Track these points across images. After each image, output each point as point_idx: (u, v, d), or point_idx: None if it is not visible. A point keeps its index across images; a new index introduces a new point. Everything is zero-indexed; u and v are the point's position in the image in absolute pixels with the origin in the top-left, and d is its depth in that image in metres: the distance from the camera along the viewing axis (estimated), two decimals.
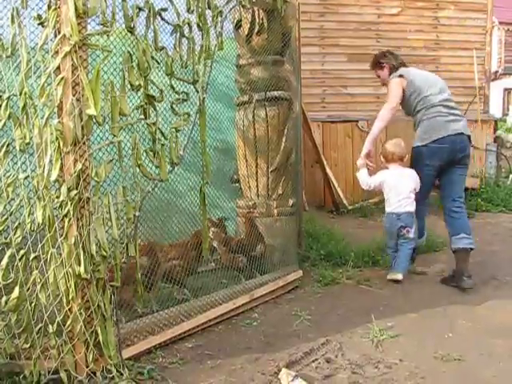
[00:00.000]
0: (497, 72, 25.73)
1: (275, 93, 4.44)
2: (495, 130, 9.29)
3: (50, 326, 2.66)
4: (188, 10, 3.18)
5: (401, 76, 4.70)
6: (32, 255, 2.66)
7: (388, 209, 4.64)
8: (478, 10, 8.82)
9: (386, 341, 3.37)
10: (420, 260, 5.19)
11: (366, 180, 4.68)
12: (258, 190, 4.55)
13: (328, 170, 7.49)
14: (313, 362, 3.07)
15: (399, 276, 4.50)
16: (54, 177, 2.56)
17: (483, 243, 5.90)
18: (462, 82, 8.77)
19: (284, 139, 4.47)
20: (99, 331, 2.73)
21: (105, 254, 2.70)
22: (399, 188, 4.54)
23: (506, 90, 25.00)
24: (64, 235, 2.62)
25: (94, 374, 2.72)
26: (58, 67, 2.57)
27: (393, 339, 3.41)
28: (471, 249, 4.44)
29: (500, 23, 25.62)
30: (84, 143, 2.62)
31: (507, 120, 21.70)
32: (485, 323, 3.68)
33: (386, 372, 2.96)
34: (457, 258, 4.46)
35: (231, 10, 3.73)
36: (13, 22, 2.64)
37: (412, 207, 4.54)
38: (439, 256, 5.46)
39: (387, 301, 4.15)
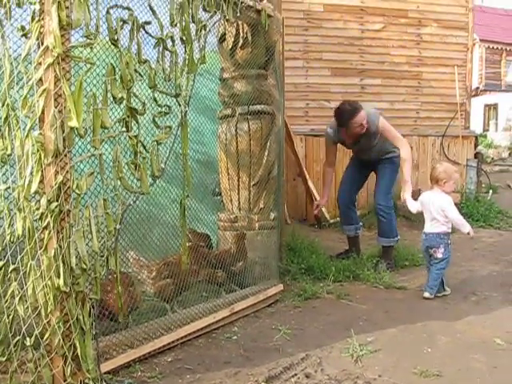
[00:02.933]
0: (478, 88, 26.13)
1: (258, 106, 4.45)
2: (476, 145, 9.39)
3: (28, 339, 2.62)
4: (171, 24, 3.18)
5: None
6: (11, 267, 2.63)
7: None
8: (459, 28, 8.94)
9: (366, 356, 3.38)
10: (400, 275, 5.25)
11: (413, 205, 4.88)
12: (239, 203, 4.54)
13: (310, 184, 7.51)
14: (292, 377, 3.07)
15: (425, 294, 4.64)
16: (34, 188, 2.54)
17: (463, 259, 5.96)
18: (444, 98, 8.89)
19: (266, 153, 4.48)
20: (78, 344, 2.70)
21: (85, 266, 2.68)
22: (427, 209, 4.69)
23: (486, 105, 25.35)
24: (44, 247, 2.60)
25: None
26: (41, 79, 2.55)
27: (372, 354, 3.42)
28: None
29: (481, 41, 26.07)
30: (65, 155, 2.60)
31: (487, 136, 21.99)
32: (464, 338, 3.70)
33: None
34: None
35: (215, 23, 3.74)
36: None
37: (440, 229, 4.63)
38: (420, 271, 5.48)
39: (367, 316, 4.16)
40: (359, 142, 5.47)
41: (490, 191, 9.64)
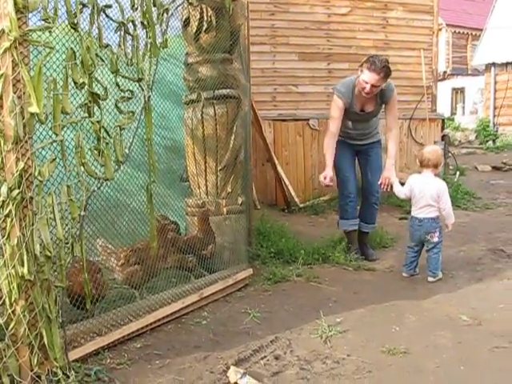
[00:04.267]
0: (445, 72, 26.39)
1: (223, 91, 4.43)
2: (443, 128, 9.49)
3: None
4: (132, 7, 3.14)
5: None
6: None
7: (412, 212, 4.75)
8: (424, 12, 8.98)
9: (335, 336, 3.42)
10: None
11: (401, 191, 4.83)
12: (207, 188, 4.53)
13: (279, 169, 7.51)
14: (261, 359, 3.09)
15: (429, 279, 4.60)
16: None
17: None
18: (411, 81, 8.93)
19: (233, 137, 4.46)
20: (44, 333, 2.67)
21: (49, 254, 2.65)
22: (422, 194, 4.61)
23: (453, 89, 25.63)
24: (6, 236, 2.55)
25: (39, 377, 2.66)
26: None
27: (341, 335, 3.45)
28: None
29: (448, 25, 26.30)
30: (26, 142, 2.56)
31: (455, 119, 22.28)
32: (431, 316, 3.77)
33: (334, 367, 3.01)
34: None
35: (178, 7, 3.70)
36: None
37: (434, 213, 4.60)
38: (388, 252, 5.57)
39: (336, 297, 4.20)
40: (365, 111, 5.23)
41: (457, 173, 9.77)
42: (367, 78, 4.91)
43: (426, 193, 4.58)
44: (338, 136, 5.20)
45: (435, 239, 4.61)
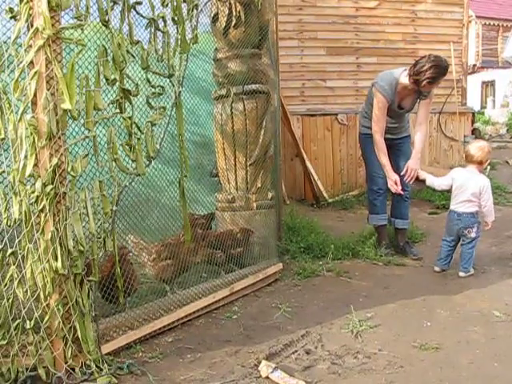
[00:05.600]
0: (475, 65, 26.00)
1: (253, 86, 4.43)
2: (473, 122, 9.35)
3: (28, 322, 2.63)
4: (162, 4, 3.16)
5: None
6: (9, 251, 2.64)
7: (451, 206, 4.69)
8: (454, 4, 8.85)
9: (366, 331, 3.40)
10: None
11: (437, 182, 4.77)
12: (236, 183, 4.54)
13: (308, 164, 7.49)
14: (293, 353, 3.09)
15: (460, 274, 4.55)
16: (28, 172, 2.54)
17: None
18: None
19: (262, 132, 4.47)
20: (77, 327, 2.72)
21: (82, 249, 2.69)
22: (464, 189, 4.55)
23: (483, 83, 25.24)
24: (40, 230, 2.60)
25: (73, 369, 2.71)
26: (32, 61, 2.54)
27: (372, 330, 3.44)
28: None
29: (477, 17, 25.89)
30: (59, 138, 2.60)
31: (485, 113, 21.95)
32: (463, 311, 3.73)
33: (366, 362, 2.99)
34: None
35: (207, 3, 3.71)
36: None
37: (474, 208, 4.53)
38: (419, 247, 5.51)
39: (367, 292, 4.18)
40: (402, 108, 5.11)
41: (488, 167, 9.61)
42: (436, 83, 4.83)
43: (468, 188, 4.52)
44: (370, 130, 5.09)
45: (472, 234, 4.55)
